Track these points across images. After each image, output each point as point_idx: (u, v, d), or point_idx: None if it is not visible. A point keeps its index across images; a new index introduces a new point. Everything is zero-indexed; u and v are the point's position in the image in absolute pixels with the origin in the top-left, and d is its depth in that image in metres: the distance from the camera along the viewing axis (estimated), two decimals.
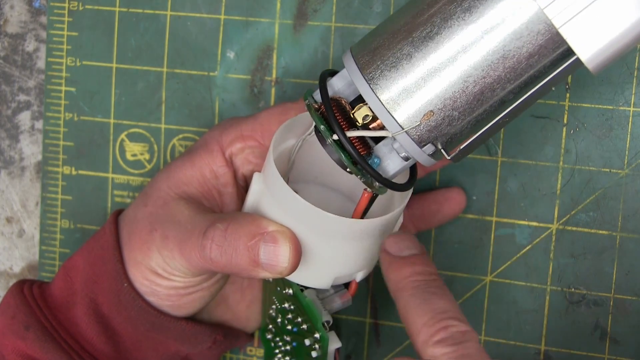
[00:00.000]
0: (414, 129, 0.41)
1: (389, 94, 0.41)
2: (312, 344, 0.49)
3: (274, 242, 0.45)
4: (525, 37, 0.39)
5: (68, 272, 0.52)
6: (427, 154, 0.42)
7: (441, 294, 0.42)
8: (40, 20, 0.60)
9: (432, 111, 0.41)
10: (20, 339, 0.50)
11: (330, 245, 0.45)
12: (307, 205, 0.44)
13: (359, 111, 0.43)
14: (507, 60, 0.39)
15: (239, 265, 0.46)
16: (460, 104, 0.41)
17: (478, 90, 0.40)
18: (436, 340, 0.39)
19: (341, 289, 0.51)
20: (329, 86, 0.44)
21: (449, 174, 0.55)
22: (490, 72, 0.40)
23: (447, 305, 0.41)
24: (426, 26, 0.40)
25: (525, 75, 0.40)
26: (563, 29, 0.38)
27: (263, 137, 0.50)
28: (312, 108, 0.43)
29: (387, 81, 0.41)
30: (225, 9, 0.56)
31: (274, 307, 0.52)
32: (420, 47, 0.40)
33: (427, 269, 0.43)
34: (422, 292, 0.42)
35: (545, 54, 0.39)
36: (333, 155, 0.43)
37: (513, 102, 0.41)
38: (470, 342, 0.39)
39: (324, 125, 0.42)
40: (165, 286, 0.49)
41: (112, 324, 0.51)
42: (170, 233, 0.48)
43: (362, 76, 0.42)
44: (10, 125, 0.61)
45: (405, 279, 0.43)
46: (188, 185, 0.50)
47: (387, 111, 0.41)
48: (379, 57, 0.41)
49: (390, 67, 0.41)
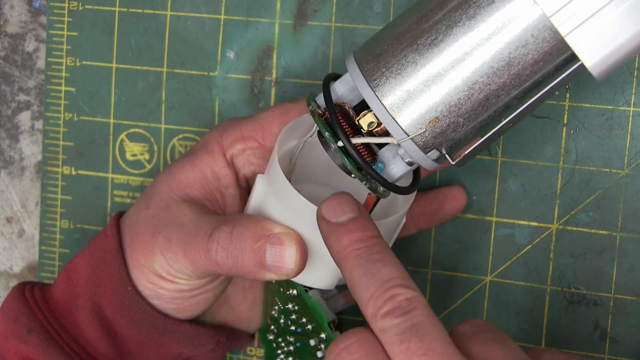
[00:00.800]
0: (419, 136, 0.41)
1: (394, 101, 0.41)
2: (317, 345, 0.49)
3: (280, 244, 0.45)
4: (530, 45, 0.39)
5: (70, 275, 0.52)
6: (432, 159, 0.42)
7: (384, 260, 0.40)
8: (40, 20, 0.60)
9: (437, 118, 0.41)
10: (22, 343, 0.50)
11: None
12: (312, 207, 0.44)
13: (363, 118, 0.42)
14: (512, 67, 0.39)
15: (245, 267, 0.46)
16: (466, 110, 0.41)
17: (483, 97, 0.40)
18: (384, 313, 0.38)
19: (344, 289, 0.51)
20: (332, 91, 0.44)
21: (449, 173, 0.55)
22: (495, 79, 0.40)
23: (391, 272, 0.40)
24: (431, 33, 0.40)
25: (530, 82, 0.40)
26: (569, 37, 0.38)
27: (264, 138, 0.50)
28: (317, 114, 0.43)
29: (392, 88, 0.41)
30: (225, 9, 0.56)
31: (277, 308, 0.52)
32: (425, 54, 0.40)
33: (367, 234, 0.41)
34: (365, 261, 0.40)
35: (550, 60, 0.39)
36: (337, 161, 0.43)
37: (517, 108, 0.41)
38: (418, 309, 0.38)
39: (329, 132, 0.42)
40: (169, 289, 0.49)
41: (115, 327, 0.51)
42: (173, 235, 0.48)
43: (367, 83, 0.41)
44: (10, 125, 0.61)
45: (346, 248, 0.41)
46: (190, 187, 0.50)
47: (392, 118, 0.41)
48: (384, 63, 0.41)
49: (396, 74, 0.41)
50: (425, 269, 0.56)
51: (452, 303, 0.55)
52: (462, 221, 0.55)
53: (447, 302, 0.55)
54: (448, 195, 0.54)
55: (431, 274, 0.56)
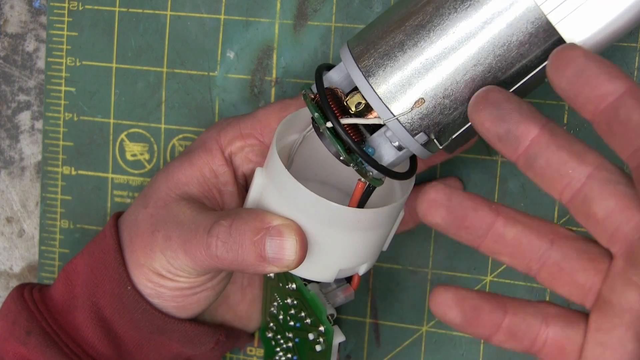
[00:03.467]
0: (405, 116, 0.41)
1: (380, 81, 0.41)
2: (316, 338, 0.49)
3: (280, 236, 0.45)
4: (515, 25, 0.39)
5: (69, 275, 0.52)
6: (420, 143, 0.42)
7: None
8: (40, 20, 0.60)
9: (422, 98, 0.41)
10: (21, 345, 0.50)
11: (333, 236, 0.46)
12: (311, 195, 0.44)
13: (351, 99, 0.43)
14: (497, 48, 0.40)
15: (245, 261, 0.46)
16: (452, 92, 0.41)
17: (469, 78, 0.41)
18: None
19: (343, 284, 0.51)
20: (326, 79, 0.44)
21: (449, 173, 0.55)
22: (480, 60, 0.40)
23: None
24: (419, 15, 0.41)
25: (517, 65, 0.40)
26: (551, 15, 0.38)
27: (263, 134, 0.50)
28: (308, 97, 0.44)
29: (380, 69, 0.41)
30: (225, 9, 0.56)
31: (276, 304, 0.52)
32: (412, 34, 0.41)
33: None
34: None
35: (535, 43, 0.40)
36: (327, 146, 0.43)
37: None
38: None
39: (318, 113, 0.43)
40: (170, 287, 0.49)
41: (114, 327, 0.51)
42: (173, 233, 0.48)
43: (355, 64, 0.42)
44: (10, 125, 0.61)
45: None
46: (188, 185, 0.50)
47: (378, 97, 0.42)
48: (373, 46, 0.42)
49: (383, 54, 0.41)
50: (425, 269, 0.56)
51: None
52: None
53: None
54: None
55: (431, 274, 0.56)
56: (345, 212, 0.45)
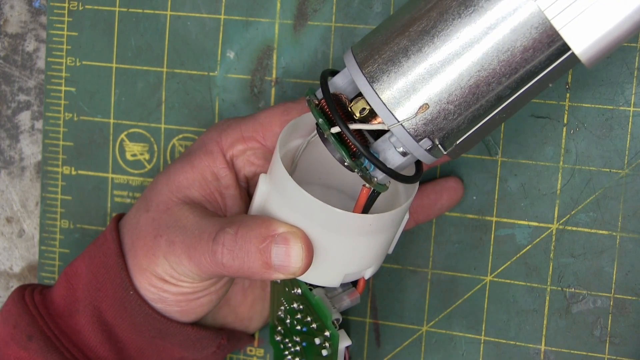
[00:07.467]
0: (409, 122, 0.41)
1: (385, 87, 0.41)
2: (322, 343, 0.49)
3: (286, 243, 0.45)
4: (519, 31, 0.39)
5: (69, 279, 0.52)
6: (424, 148, 0.42)
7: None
8: (40, 20, 0.60)
9: (427, 104, 0.41)
10: (22, 349, 0.50)
11: (339, 242, 0.46)
12: (315, 202, 0.44)
13: (356, 105, 0.43)
14: (501, 53, 0.40)
15: (251, 268, 0.46)
16: (456, 97, 0.41)
17: (473, 83, 0.41)
18: None
19: (349, 288, 0.51)
20: (330, 85, 0.44)
21: (449, 173, 0.55)
22: (484, 65, 0.40)
23: None
24: (422, 20, 0.41)
25: (522, 71, 0.40)
26: (555, 21, 0.38)
27: (265, 138, 0.50)
28: (312, 103, 0.43)
29: (384, 74, 0.41)
30: (225, 9, 0.56)
31: (283, 308, 0.52)
32: (416, 40, 0.41)
33: None
34: None
35: (540, 48, 0.39)
36: (332, 151, 0.43)
37: (509, 98, 0.41)
38: None
39: (322, 119, 0.43)
40: (173, 292, 0.49)
41: (116, 331, 0.51)
42: (176, 238, 0.48)
43: (359, 70, 0.42)
44: (10, 125, 0.61)
45: None
46: (189, 188, 0.50)
47: (382, 103, 0.41)
48: (377, 51, 0.42)
49: (387, 60, 0.41)
50: (425, 269, 0.56)
51: (452, 303, 0.55)
52: (462, 221, 0.55)
53: (447, 302, 0.55)
54: (445, 186, 0.54)
55: (431, 274, 0.56)
56: (351, 218, 0.45)
